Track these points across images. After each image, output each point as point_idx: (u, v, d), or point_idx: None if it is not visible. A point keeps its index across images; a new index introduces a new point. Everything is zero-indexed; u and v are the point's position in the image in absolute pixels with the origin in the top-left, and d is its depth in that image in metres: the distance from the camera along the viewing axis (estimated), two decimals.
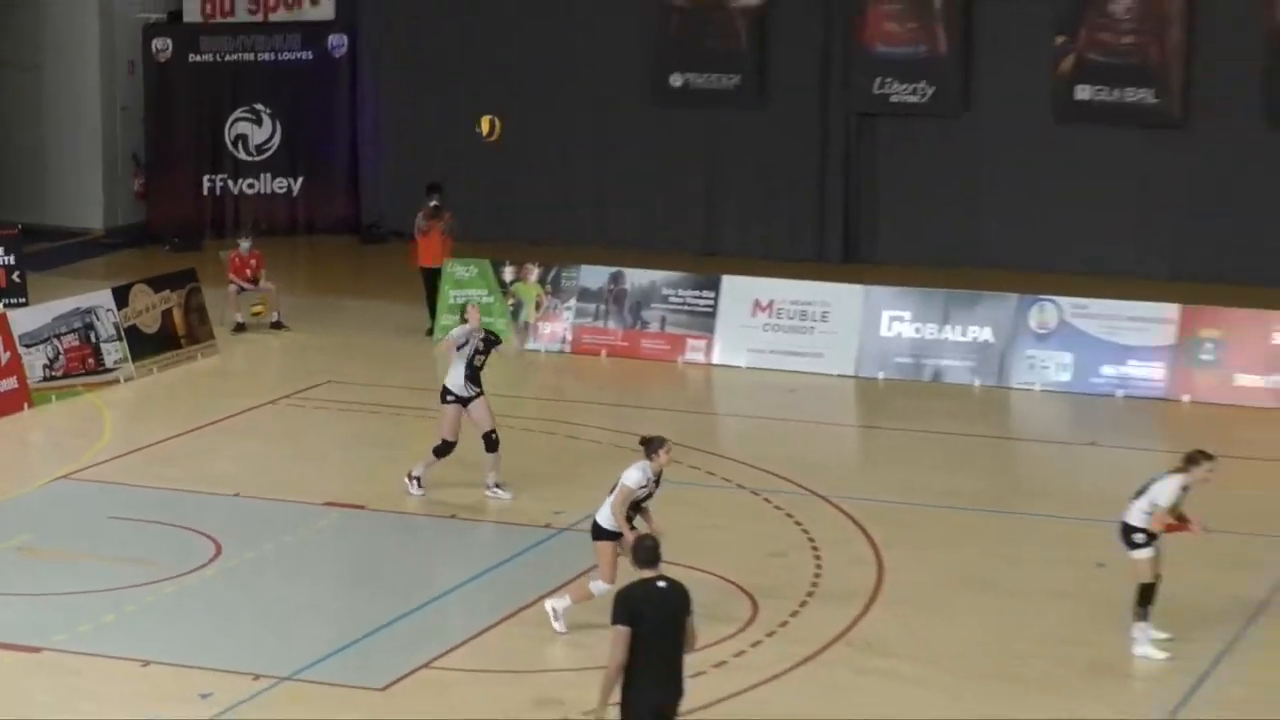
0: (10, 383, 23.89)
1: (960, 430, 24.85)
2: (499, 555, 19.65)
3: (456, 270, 28.62)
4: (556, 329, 28.11)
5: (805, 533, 20.35)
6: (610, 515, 16.98)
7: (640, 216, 33.77)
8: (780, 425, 25.27)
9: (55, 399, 24.47)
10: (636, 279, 27.99)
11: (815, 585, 18.82)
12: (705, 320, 27.56)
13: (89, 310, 25.67)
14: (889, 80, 31.80)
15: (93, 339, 25.60)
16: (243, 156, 36.08)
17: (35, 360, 24.28)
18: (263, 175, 35.95)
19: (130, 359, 25.92)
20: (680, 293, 27.77)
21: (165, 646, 16.33)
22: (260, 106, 36.19)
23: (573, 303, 28.18)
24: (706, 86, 32.96)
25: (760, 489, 21.47)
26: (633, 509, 17.31)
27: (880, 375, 26.63)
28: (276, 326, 28.57)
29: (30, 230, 31.22)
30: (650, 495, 17.41)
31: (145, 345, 26.25)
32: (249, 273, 28.47)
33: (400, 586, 18.58)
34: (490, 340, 20.80)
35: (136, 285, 27.14)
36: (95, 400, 24.94)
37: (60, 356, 24.79)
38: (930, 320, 26.87)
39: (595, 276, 28.28)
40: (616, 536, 16.71)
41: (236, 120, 36.23)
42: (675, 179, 33.74)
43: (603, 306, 27.66)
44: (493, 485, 20.85)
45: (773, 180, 33.11)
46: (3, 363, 23.93)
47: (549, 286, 28.41)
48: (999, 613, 18.18)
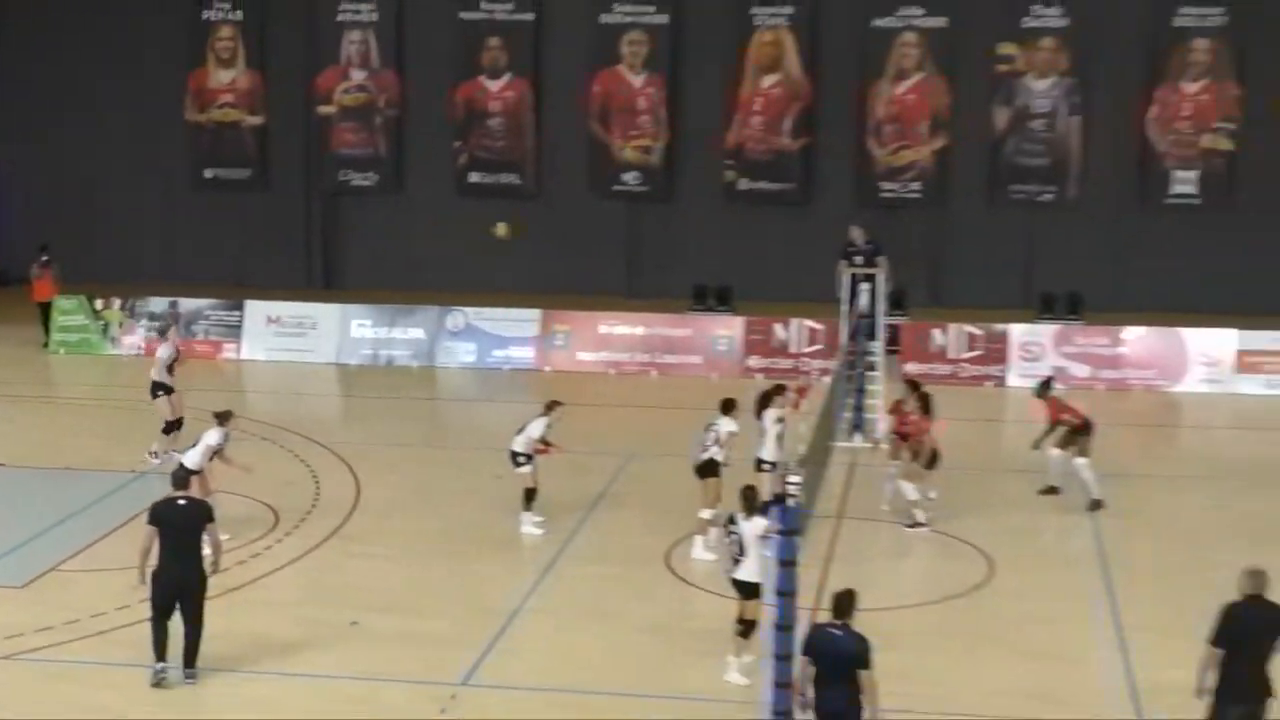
0: None
1: (408, 395, 27.60)
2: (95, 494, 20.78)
3: (62, 303, 30.86)
4: (134, 339, 30.54)
5: (308, 466, 22.38)
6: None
7: (192, 259, 35.31)
8: (293, 397, 27.62)
9: None
10: (186, 304, 30.46)
11: (316, 501, 20.75)
12: (234, 330, 30.15)
13: None
14: (348, 170, 35.10)
15: None
16: None
17: None
18: None
19: None
20: (218, 312, 30.29)
21: None
22: None
23: (144, 321, 30.54)
24: (230, 178, 35.30)
25: (276, 439, 23.31)
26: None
27: (352, 362, 29.67)
28: None
29: None
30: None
31: None
32: None
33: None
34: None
35: None
36: None
37: None
38: (383, 324, 29.95)
39: (159, 303, 30.75)
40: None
41: None
42: (212, 235, 35.59)
43: (165, 323, 28.50)
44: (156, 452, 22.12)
45: (276, 233, 35.51)
46: None
47: (127, 311, 30.78)
48: (440, 509, 20.36)
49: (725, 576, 15.58)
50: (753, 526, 15.08)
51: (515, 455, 19.11)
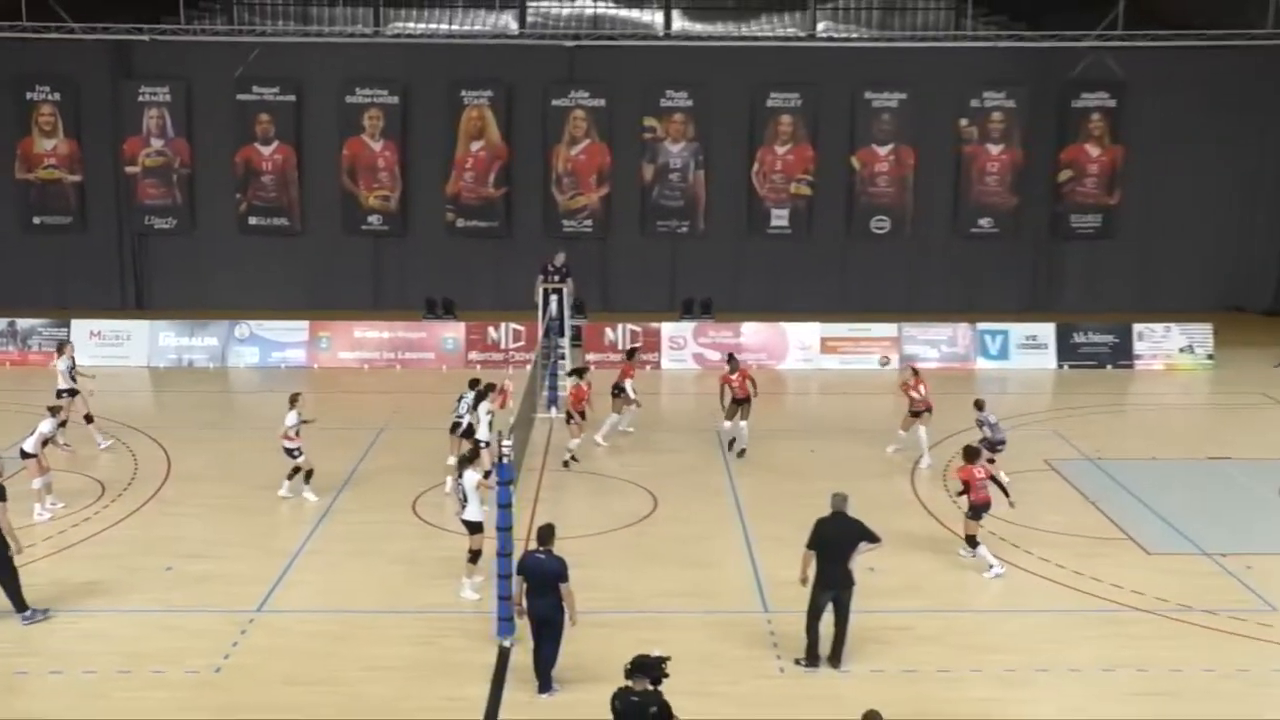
0: None
1: (206, 390, 26.54)
2: None
3: None
4: None
5: (129, 447, 21.65)
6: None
7: (25, 288, 33.03)
8: (114, 395, 25.15)
9: None
10: (23, 323, 28.66)
11: (135, 474, 20.10)
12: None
13: None
14: (152, 216, 33.54)
15: None
16: None
17: None
18: None
19: None
20: (50, 329, 28.51)
21: None
22: None
23: None
24: (55, 223, 33.58)
25: (102, 428, 21.89)
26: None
27: (160, 365, 28.24)
28: None
29: None
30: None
31: None
32: None
33: None
34: None
35: None
36: None
37: None
38: (184, 335, 28.63)
39: (1, 322, 28.72)
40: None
41: None
42: (42, 269, 33.54)
43: (7, 340, 28.53)
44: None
45: (94, 267, 33.65)
46: None
47: None
48: (236, 476, 19.73)
49: (455, 517, 15.57)
50: (470, 479, 15.07)
51: (288, 451, 18.45)
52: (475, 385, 19.74)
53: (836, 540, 13.24)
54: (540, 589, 12.62)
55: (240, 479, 19.88)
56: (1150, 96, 33.36)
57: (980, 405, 19.47)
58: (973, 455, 15.97)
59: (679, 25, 34.52)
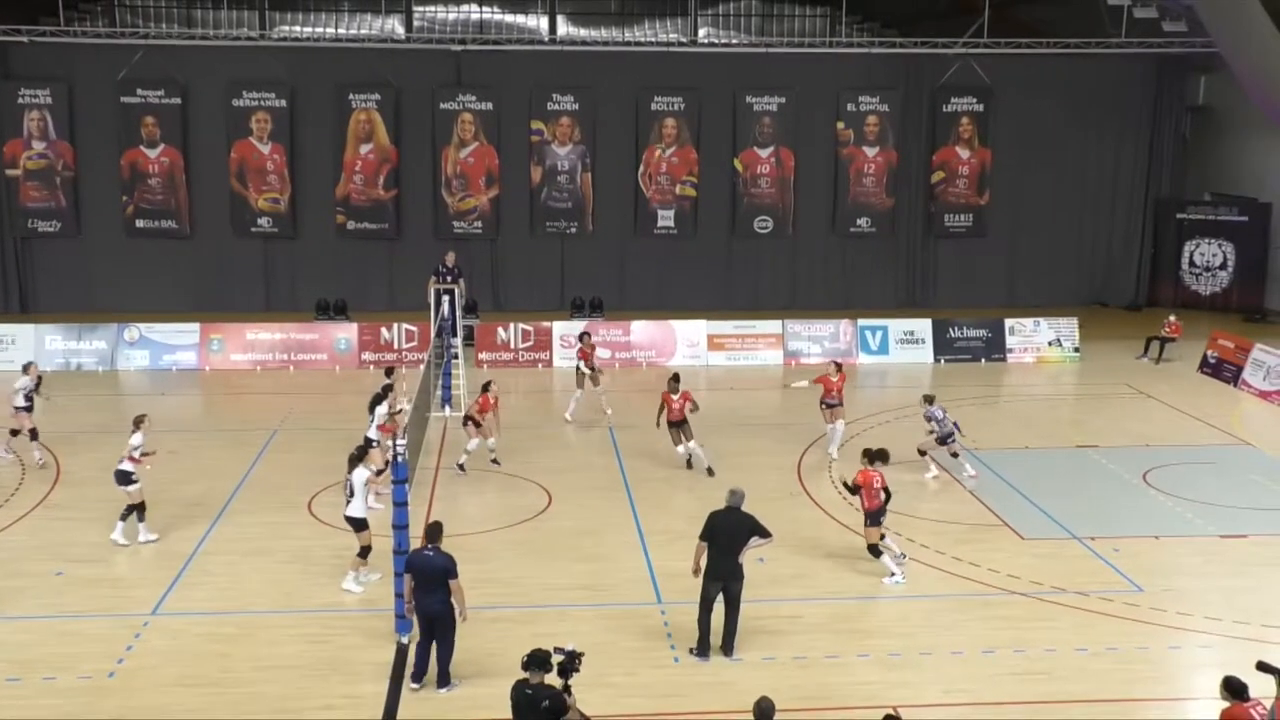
0: None
1: (96, 393, 25.60)
2: None
3: None
4: None
5: (15, 454, 20.66)
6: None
7: None
8: None
9: None
10: None
11: (22, 480, 19.53)
12: None
13: None
14: (35, 220, 32.18)
15: None
16: None
17: None
18: None
19: None
20: None
21: None
22: None
23: None
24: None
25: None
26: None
27: (47, 369, 25.55)
28: None
29: None
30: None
31: None
32: None
33: None
34: None
35: None
36: None
37: None
38: (71, 338, 27.61)
39: None
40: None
41: None
42: None
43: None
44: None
45: None
46: None
47: None
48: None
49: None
50: (360, 476, 15.12)
51: (126, 475, 16.64)
52: (390, 374, 19.72)
53: (727, 532, 13.31)
54: (429, 586, 12.51)
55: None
56: (1015, 101, 34.22)
57: (930, 400, 19.50)
58: (873, 458, 15.58)
59: (563, 30, 34.50)
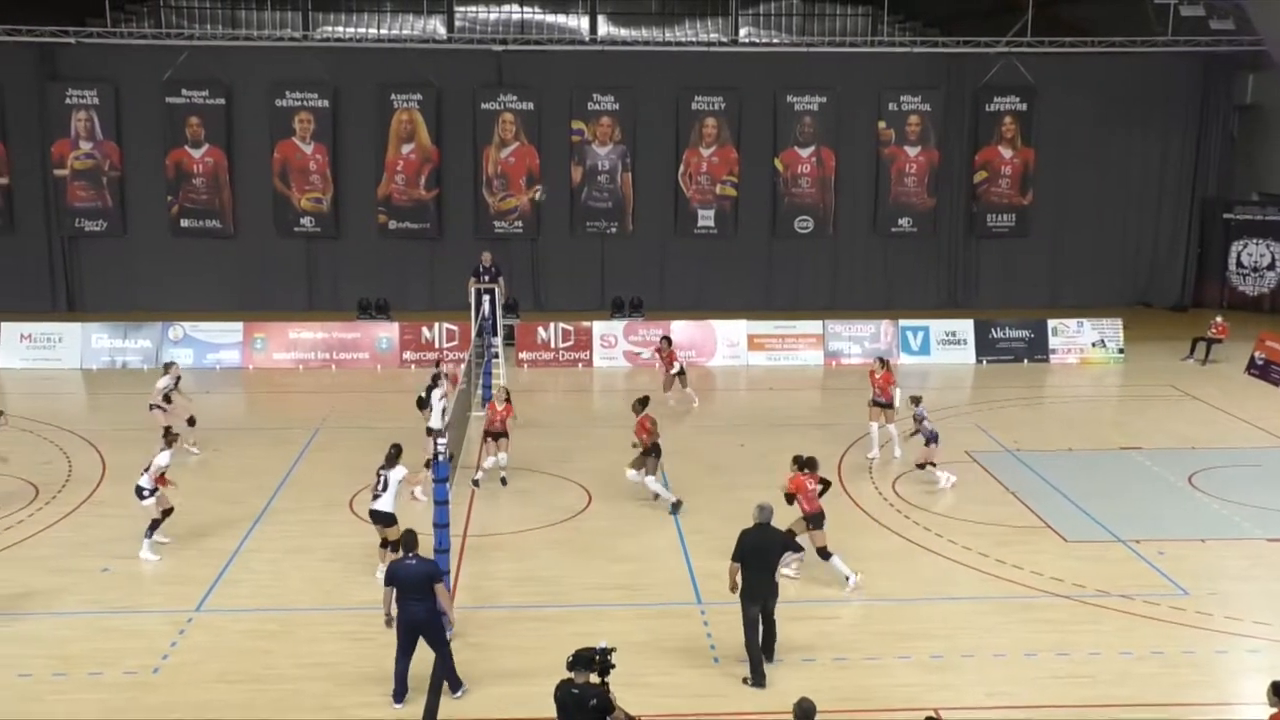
0: None
1: (141, 391, 24.06)
2: None
3: None
4: None
5: (63, 450, 21.08)
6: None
7: None
8: (47, 397, 24.95)
9: None
10: None
11: (70, 476, 19.55)
12: None
13: None
14: (82, 219, 32.57)
15: None
16: None
17: None
18: None
19: None
20: None
21: None
22: None
23: None
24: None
25: (36, 430, 21.73)
26: None
27: (93, 367, 27.55)
28: None
29: None
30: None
31: None
32: None
33: None
34: None
35: None
36: None
37: None
38: (117, 337, 27.89)
39: None
40: None
41: None
42: None
43: None
44: None
45: (24, 270, 32.74)
46: None
47: None
48: (172, 476, 17.33)
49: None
50: (396, 473, 15.16)
51: (140, 490, 16.43)
52: (438, 365, 20.09)
53: (762, 551, 12.96)
54: (415, 594, 12.19)
55: (177, 479, 19.13)
56: (1058, 100, 33.91)
57: (917, 401, 19.33)
58: (802, 465, 15.26)
59: (604, 30, 34.46)
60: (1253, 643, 13.88)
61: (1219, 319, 29.09)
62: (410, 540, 12.46)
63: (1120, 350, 29.19)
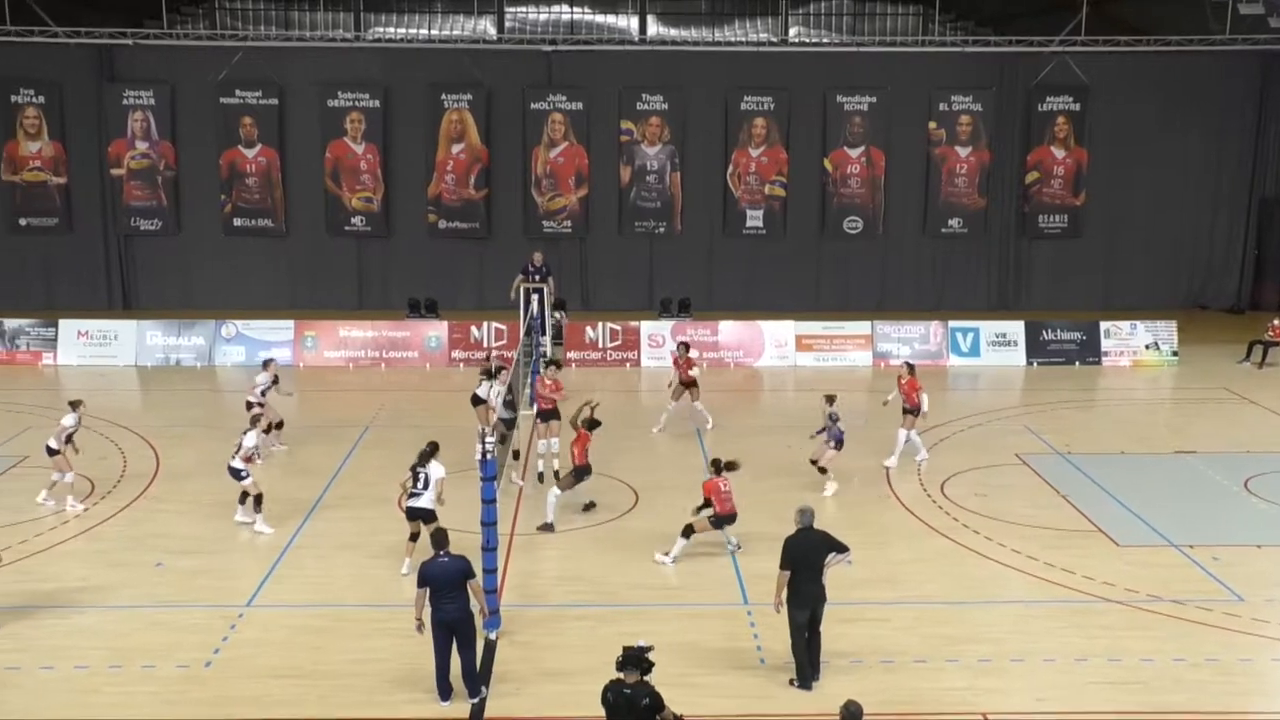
0: None
1: (193, 388, 26.04)
2: None
3: None
4: None
5: (117, 445, 21.26)
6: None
7: (11, 289, 32.63)
8: (102, 394, 24.83)
9: None
10: (9, 323, 28.23)
11: (124, 471, 19.80)
12: (50, 342, 28.07)
13: None
14: (138, 218, 32.88)
15: None
16: None
17: None
18: None
19: None
20: (37, 329, 28.31)
21: None
22: None
23: None
24: (41, 225, 32.97)
25: (91, 426, 21.04)
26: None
27: (148, 364, 27.97)
28: None
29: None
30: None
31: None
32: None
33: None
34: None
35: None
36: None
37: None
38: (171, 334, 28.33)
39: None
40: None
41: None
42: (28, 270, 33.10)
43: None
44: None
45: (81, 268, 33.14)
46: None
47: None
48: (223, 473, 17.78)
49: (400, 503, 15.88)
50: (436, 470, 15.40)
51: (236, 471, 17.14)
52: (495, 373, 20.22)
53: (809, 555, 12.82)
54: (449, 593, 12.17)
55: (228, 477, 19.45)
56: (1112, 100, 33.57)
57: (831, 400, 18.88)
58: (718, 467, 15.88)
59: (654, 30, 34.48)
60: None
61: (1277, 321, 28.71)
62: (441, 538, 12.47)
63: (1174, 353, 28.88)
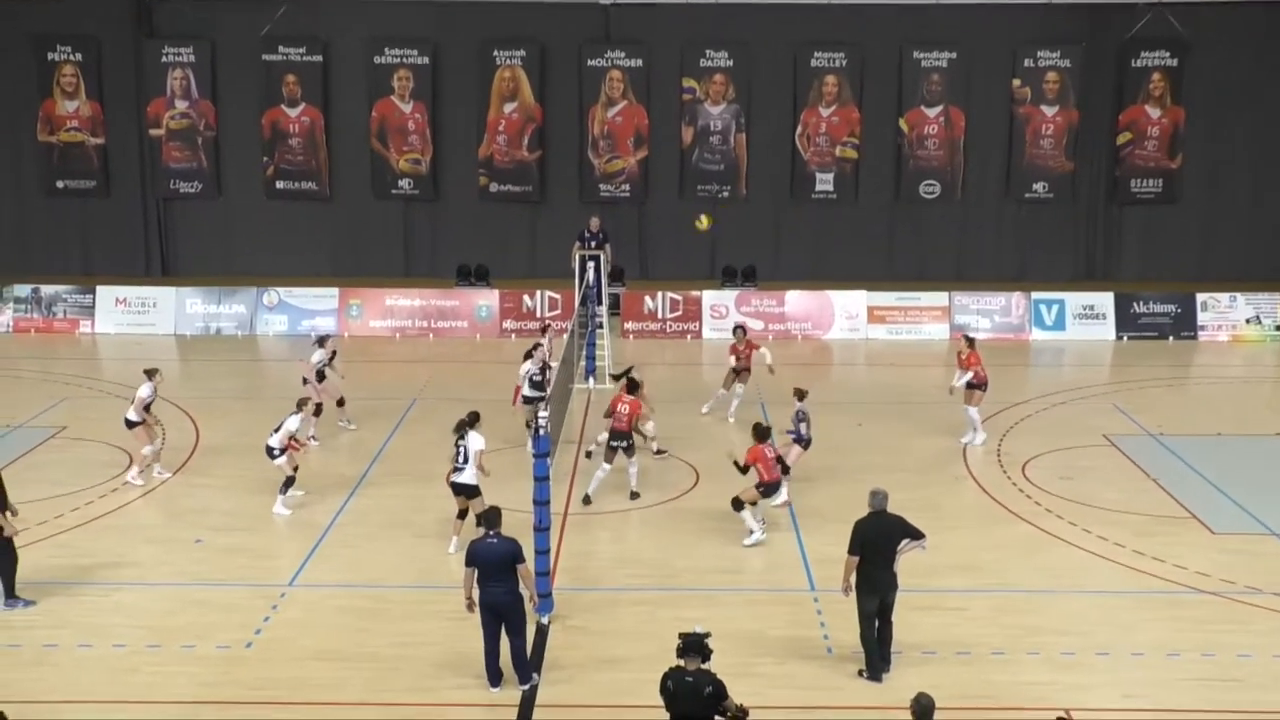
0: None
1: (234, 359, 26.72)
2: None
3: None
4: (3, 319, 28.93)
5: (156, 417, 20.71)
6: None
7: (47, 254, 32.91)
8: (140, 363, 23.41)
9: None
10: (46, 289, 29.07)
11: (163, 444, 19.15)
12: (89, 309, 28.79)
13: None
14: (177, 180, 32.97)
15: None
16: None
17: None
18: None
19: None
20: (74, 295, 29.03)
21: None
22: None
23: (10, 304, 29.07)
24: (78, 188, 33.05)
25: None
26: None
27: (187, 333, 28.54)
28: None
29: None
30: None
31: None
32: None
33: None
34: None
35: None
36: None
37: None
38: (211, 302, 29.06)
39: (22, 289, 29.00)
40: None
41: None
42: (65, 234, 33.23)
43: (31, 307, 28.83)
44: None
45: (118, 232, 33.21)
46: None
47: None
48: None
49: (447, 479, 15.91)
50: (475, 442, 15.49)
51: (270, 449, 17.26)
52: (545, 332, 20.97)
53: (880, 541, 12.67)
54: (497, 576, 12.22)
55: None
56: (1212, 55, 32.88)
57: (800, 395, 18.28)
58: (763, 434, 15.94)
59: None
60: None
61: None
62: (493, 517, 12.54)
63: (1278, 327, 28.42)
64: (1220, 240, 33.83)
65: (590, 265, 25.46)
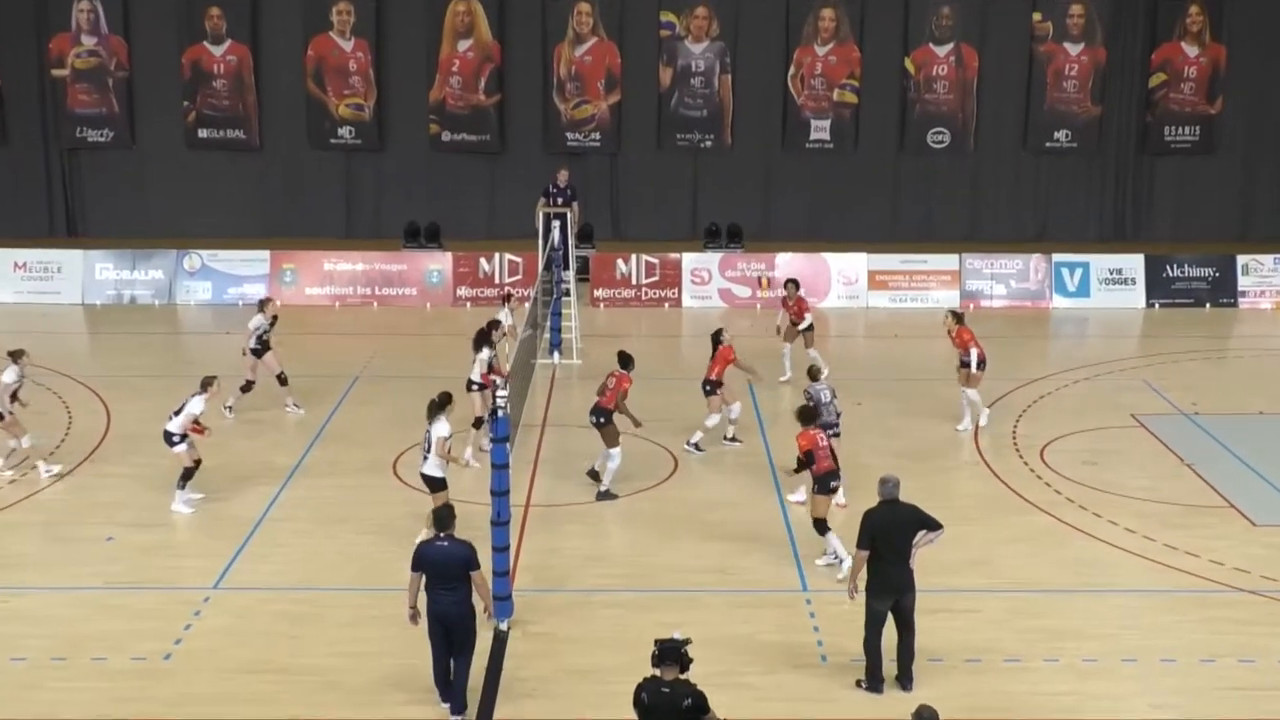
0: None
1: (151, 331, 26.55)
2: None
3: None
4: None
5: (60, 399, 21.41)
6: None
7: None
8: (43, 336, 24.97)
9: None
10: None
11: (69, 430, 19.94)
12: None
13: None
14: (84, 128, 32.83)
15: None
16: None
17: None
18: None
19: None
20: None
21: None
22: None
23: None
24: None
25: (30, 375, 20.13)
26: None
27: (97, 302, 28.36)
28: None
29: None
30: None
31: None
32: None
33: None
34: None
35: None
36: None
37: None
38: (124, 267, 28.76)
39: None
40: None
41: None
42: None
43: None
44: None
45: (17, 187, 32.97)
46: None
47: None
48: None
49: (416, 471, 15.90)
50: (438, 428, 15.38)
51: (169, 435, 16.95)
52: (507, 302, 20.95)
53: (893, 533, 12.56)
54: (446, 583, 12.09)
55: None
56: None
57: (814, 375, 18.06)
58: (810, 417, 15.61)
59: None
60: None
61: None
62: (444, 517, 12.42)
63: None
64: (1264, 195, 33.98)
65: (555, 224, 25.47)
